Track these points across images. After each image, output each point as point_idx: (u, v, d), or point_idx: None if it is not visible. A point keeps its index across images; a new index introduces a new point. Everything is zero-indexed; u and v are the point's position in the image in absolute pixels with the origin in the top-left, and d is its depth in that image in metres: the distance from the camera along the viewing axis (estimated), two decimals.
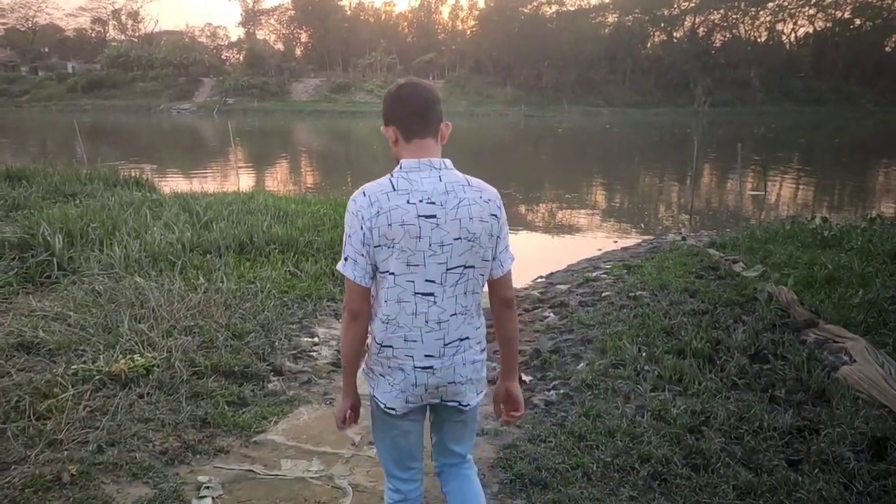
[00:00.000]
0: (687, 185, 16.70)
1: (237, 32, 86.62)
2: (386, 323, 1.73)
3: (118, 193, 8.76)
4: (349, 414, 1.91)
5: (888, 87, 62.23)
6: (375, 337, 1.77)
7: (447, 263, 1.69)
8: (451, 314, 1.73)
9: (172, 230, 6.39)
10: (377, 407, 1.85)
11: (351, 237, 1.68)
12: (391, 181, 1.68)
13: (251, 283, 5.20)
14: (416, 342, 1.73)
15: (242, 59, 70.22)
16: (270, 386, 3.73)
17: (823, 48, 67.41)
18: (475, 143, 31.30)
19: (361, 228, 1.65)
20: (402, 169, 1.70)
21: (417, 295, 1.70)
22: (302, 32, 79.27)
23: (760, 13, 69.73)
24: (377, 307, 1.76)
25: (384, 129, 1.75)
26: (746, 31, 71.38)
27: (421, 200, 1.65)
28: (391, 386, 1.78)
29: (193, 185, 13.76)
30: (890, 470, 2.74)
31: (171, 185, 12.83)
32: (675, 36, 71.10)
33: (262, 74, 62.63)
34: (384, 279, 1.70)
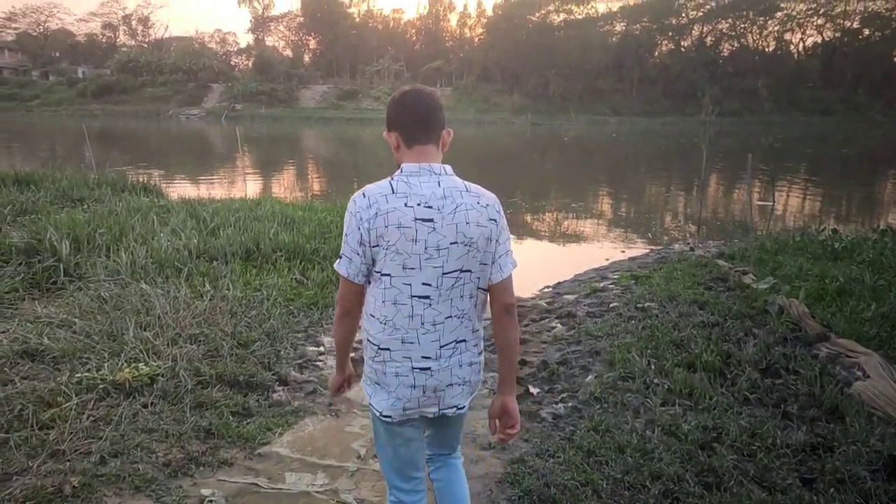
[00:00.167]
0: (694, 194, 16.63)
1: (246, 39, 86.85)
2: (383, 324, 1.75)
3: (126, 199, 8.77)
4: (344, 385, 2.02)
5: None
6: (373, 339, 1.78)
7: (443, 267, 1.71)
8: (446, 317, 1.75)
9: (179, 236, 6.38)
10: (376, 417, 1.86)
11: (348, 236, 1.72)
12: (391, 184, 1.70)
13: (257, 290, 5.18)
14: (412, 344, 1.75)
15: (251, 65, 70.59)
16: (275, 396, 3.69)
17: (832, 58, 67.22)
18: (482, 150, 31.34)
19: (359, 229, 1.68)
20: (402, 173, 1.72)
21: (414, 298, 1.72)
22: (310, 39, 79.62)
23: (769, 23, 69.72)
24: (375, 308, 1.77)
25: (387, 134, 1.79)
26: (754, 40, 71.32)
27: (419, 204, 1.67)
28: (388, 394, 1.79)
29: (201, 190, 13.78)
30: None
31: (178, 190, 12.85)
32: (682, 45, 71.14)
33: (270, 81, 62.91)
34: (381, 281, 1.72)
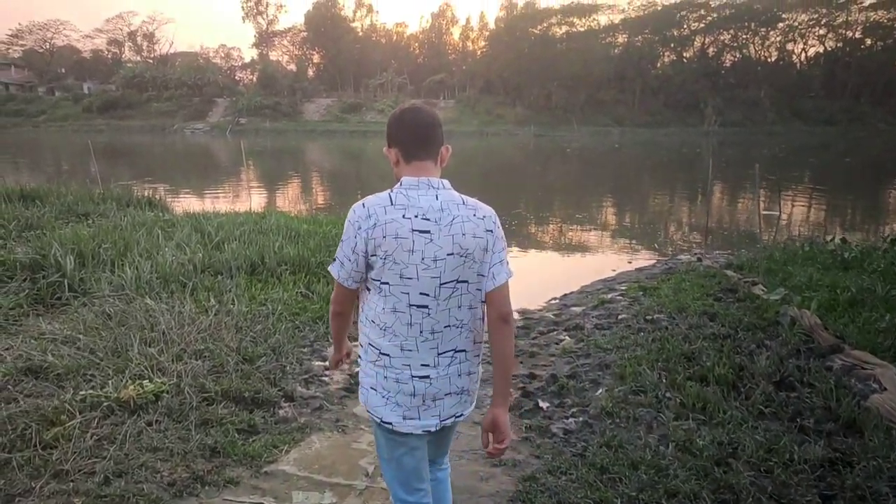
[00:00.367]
0: (698, 204, 16.57)
1: (251, 54, 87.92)
2: (384, 330, 1.79)
3: (130, 213, 8.76)
4: (342, 360, 2.16)
5: None
6: (375, 344, 1.82)
7: (440, 278, 1.74)
8: (444, 326, 1.79)
9: (184, 251, 6.35)
10: (378, 426, 1.88)
11: (344, 242, 1.78)
12: (390, 196, 1.75)
13: (262, 304, 5.14)
14: (412, 351, 1.78)
15: (255, 79, 71.16)
16: (281, 412, 3.63)
17: (834, 68, 67.34)
18: (485, 162, 31.38)
19: (355, 237, 1.74)
20: (402, 186, 1.77)
21: (412, 306, 1.76)
22: (314, 53, 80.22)
23: (770, 33, 69.97)
24: (376, 315, 1.81)
25: (386, 150, 1.84)
26: (756, 51, 71.55)
27: (416, 216, 1.72)
28: (387, 400, 1.82)
29: (206, 204, 13.78)
30: None
31: (183, 204, 12.85)
32: (684, 56, 71.39)
33: (274, 95, 63.36)
34: (381, 289, 1.77)
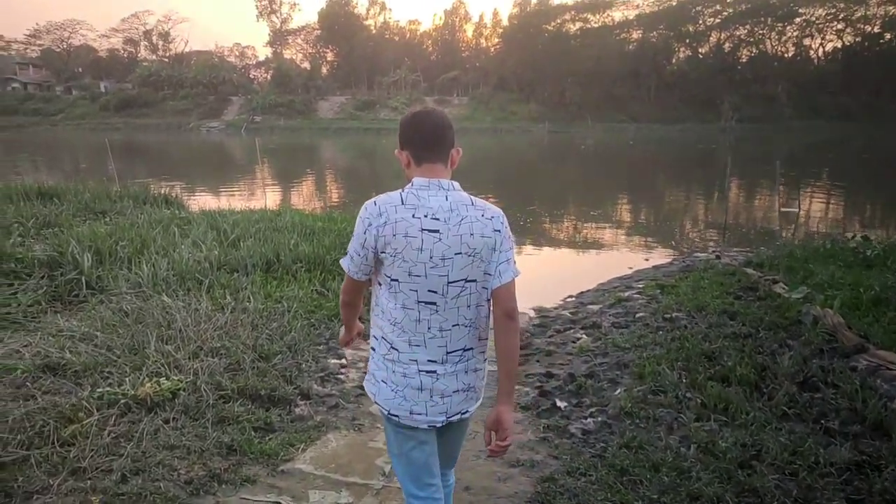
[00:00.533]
0: (715, 201, 16.38)
1: (265, 52, 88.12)
2: (393, 325, 1.83)
3: (147, 211, 8.82)
4: (353, 339, 2.23)
5: None
6: (386, 337, 1.85)
7: (448, 276, 1.78)
8: (453, 324, 1.82)
9: (200, 248, 6.37)
10: (387, 419, 1.91)
11: (355, 238, 1.82)
12: (401, 196, 1.79)
13: (278, 302, 5.13)
14: (419, 346, 1.82)
15: (270, 77, 71.51)
16: (298, 410, 3.62)
17: (852, 63, 66.33)
18: (500, 159, 31.29)
19: (365, 233, 1.78)
20: (413, 186, 1.80)
21: (420, 303, 1.79)
22: (328, 51, 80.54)
23: (787, 28, 69.13)
24: (387, 309, 1.84)
25: (398, 151, 1.87)
26: (773, 46, 70.73)
27: (426, 215, 1.75)
28: (395, 392, 1.84)
29: (221, 202, 13.86)
30: None
31: (199, 202, 12.90)
32: (700, 51, 70.71)
33: (288, 93, 63.62)
34: (391, 285, 1.81)
